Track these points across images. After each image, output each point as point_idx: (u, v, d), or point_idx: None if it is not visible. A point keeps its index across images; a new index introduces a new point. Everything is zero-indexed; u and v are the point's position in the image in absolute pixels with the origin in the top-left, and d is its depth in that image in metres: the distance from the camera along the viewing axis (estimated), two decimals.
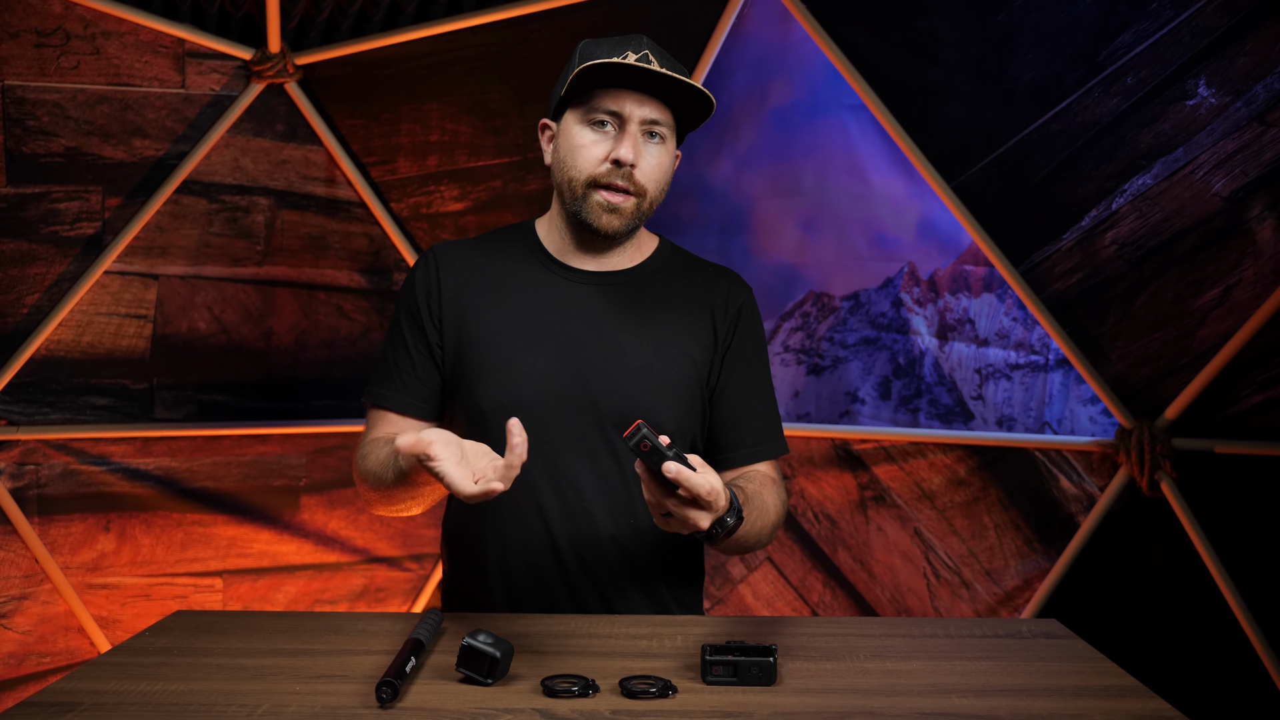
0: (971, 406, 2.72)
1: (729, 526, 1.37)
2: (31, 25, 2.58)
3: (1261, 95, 2.33)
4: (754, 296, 1.79)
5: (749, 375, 1.73)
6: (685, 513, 1.32)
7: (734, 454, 1.71)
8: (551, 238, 1.72)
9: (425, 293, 1.69)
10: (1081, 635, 1.55)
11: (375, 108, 2.84)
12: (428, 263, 1.71)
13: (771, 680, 1.31)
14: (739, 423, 1.72)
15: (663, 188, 1.66)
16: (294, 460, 2.87)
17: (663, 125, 1.61)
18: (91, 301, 2.68)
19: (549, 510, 1.64)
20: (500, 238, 1.76)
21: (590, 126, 1.61)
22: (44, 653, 2.68)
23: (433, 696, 1.27)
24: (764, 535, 1.62)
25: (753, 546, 1.63)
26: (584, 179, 1.61)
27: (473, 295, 1.68)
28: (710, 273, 1.77)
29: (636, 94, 1.59)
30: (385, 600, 2.97)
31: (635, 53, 1.59)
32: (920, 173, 2.65)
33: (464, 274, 1.70)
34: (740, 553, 1.68)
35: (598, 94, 1.60)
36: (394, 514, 1.67)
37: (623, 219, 1.62)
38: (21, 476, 2.64)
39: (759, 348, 1.75)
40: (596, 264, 1.70)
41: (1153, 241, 2.47)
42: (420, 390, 1.68)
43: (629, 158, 1.58)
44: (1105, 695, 1.31)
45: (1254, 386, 2.41)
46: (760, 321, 1.78)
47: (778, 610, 2.89)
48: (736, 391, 1.71)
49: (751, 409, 1.72)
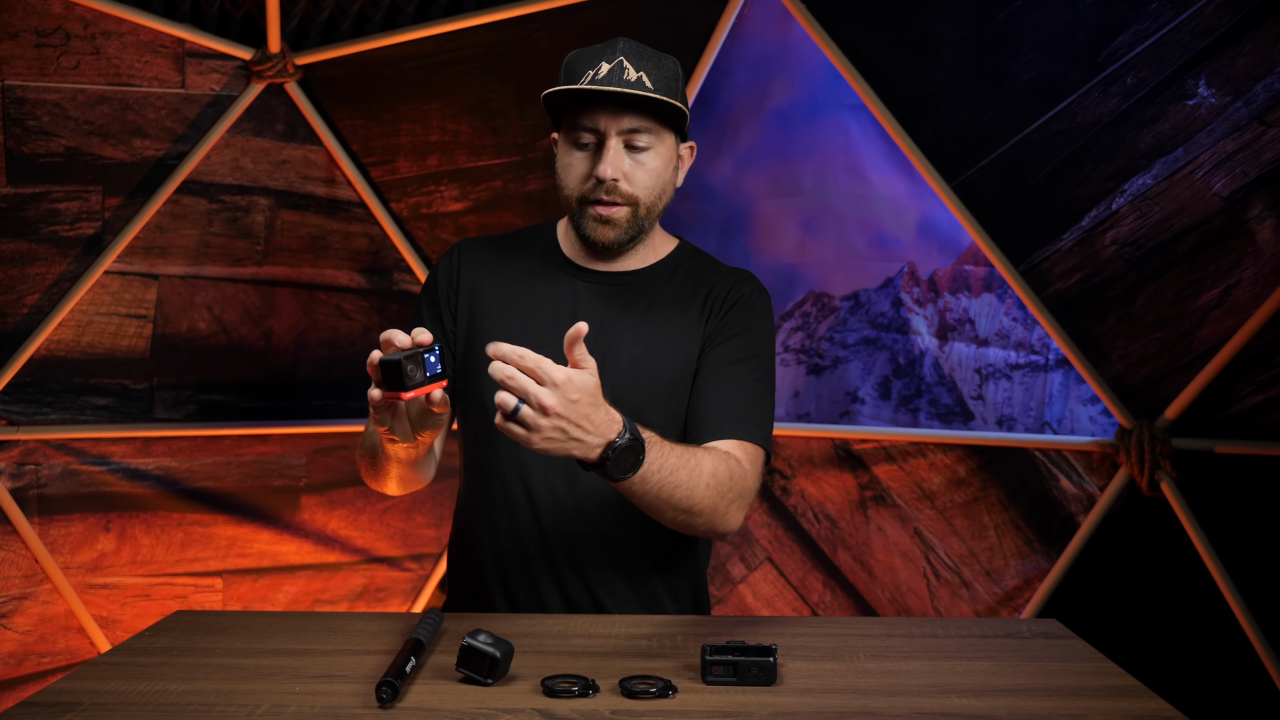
0: (971, 406, 2.72)
1: (619, 447, 1.33)
2: (31, 25, 2.58)
3: (1261, 95, 2.33)
4: (765, 296, 1.76)
5: (724, 357, 1.68)
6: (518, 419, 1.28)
7: (695, 432, 1.64)
8: (568, 240, 1.77)
9: (446, 282, 1.75)
10: (1081, 635, 1.56)
11: (375, 108, 2.84)
12: (452, 254, 1.78)
13: (771, 680, 1.31)
14: (702, 399, 1.66)
15: (659, 191, 1.67)
16: (294, 460, 2.87)
17: (644, 132, 1.62)
18: (91, 301, 2.68)
19: (540, 503, 1.67)
20: (523, 237, 1.81)
21: (574, 146, 1.65)
22: (44, 653, 2.68)
23: (433, 696, 1.27)
24: (697, 498, 1.48)
25: (683, 506, 1.48)
26: (575, 198, 1.66)
27: (487, 289, 1.73)
28: (722, 273, 1.77)
29: (610, 107, 1.60)
30: (385, 600, 2.97)
31: (609, 62, 1.60)
32: (920, 173, 2.65)
33: (483, 268, 1.75)
34: (668, 513, 1.49)
35: (575, 113, 1.63)
36: (376, 486, 1.70)
37: (617, 229, 1.65)
38: (21, 476, 2.64)
39: (748, 338, 1.70)
40: (608, 265, 1.74)
41: (1153, 241, 2.47)
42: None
43: (608, 174, 1.61)
44: (1105, 695, 1.31)
45: (1254, 386, 2.41)
46: (762, 318, 1.73)
47: (778, 610, 2.89)
48: (707, 370, 1.68)
49: (719, 388, 1.66)
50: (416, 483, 1.71)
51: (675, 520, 1.52)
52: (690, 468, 1.47)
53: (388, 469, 1.61)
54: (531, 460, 1.65)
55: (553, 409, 1.28)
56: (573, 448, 1.32)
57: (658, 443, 1.43)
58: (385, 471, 1.63)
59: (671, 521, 1.52)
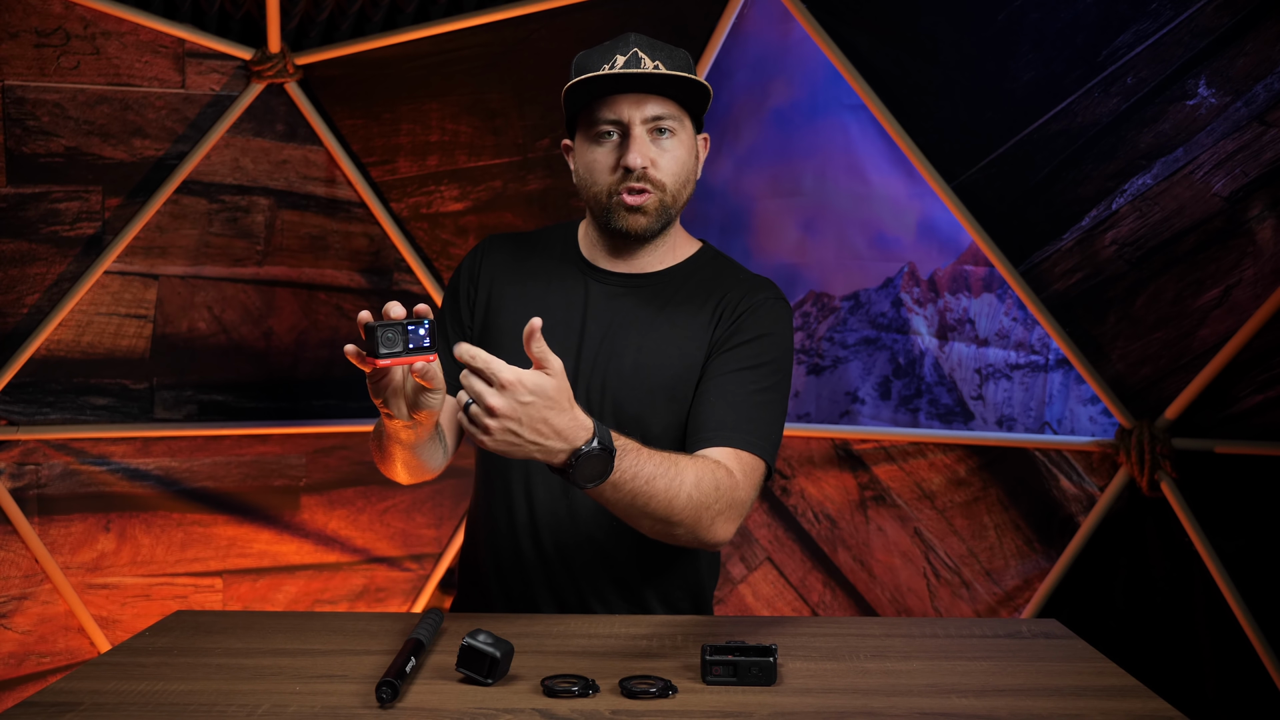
0: (971, 406, 2.72)
1: (584, 454, 1.30)
2: (31, 25, 2.58)
3: (1261, 95, 2.33)
4: (782, 305, 1.71)
5: (728, 365, 1.64)
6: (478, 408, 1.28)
7: (692, 439, 1.60)
8: (587, 239, 1.76)
9: (469, 276, 1.76)
10: (1081, 635, 1.56)
11: (375, 108, 2.84)
12: (477, 250, 1.79)
13: (771, 680, 1.31)
14: (701, 406, 1.62)
15: (684, 179, 1.66)
16: (294, 460, 2.87)
17: (668, 118, 1.62)
18: (91, 301, 2.68)
19: (539, 510, 1.68)
20: (546, 235, 1.81)
21: (597, 141, 1.64)
22: (44, 653, 2.68)
23: (433, 696, 1.27)
24: (676, 508, 1.44)
25: (659, 516, 1.44)
26: (604, 192, 1.64)
27: (505, 285, 1.74)
28: (741, 278, 1.74)
29: (632, 96, 1.60)
30: (385, 600, 2.97)
31: (623, 54, 1.60)
32: (920, 173, 2.65)
33: (503, 264, 1.76)
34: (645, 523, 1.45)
35: (596, 107, 1.62)
36: (387, 472, 1.68)
37: (649, 216, 1.64)
38: (21, 476, 2.64)
39: (757, 346, 1.64)
40: (626, 266, 1.72)
41: (1153, 241, 2.47)
42: (452, 368, 1.70)
43: (637, 163, 1.60)
44: (1105, 695, 1.31)
45: (1254, 386, 2.41)
46: (775, 326, 1.67)
47: (778, 610, 2.89)
48: (708, 377, 1.64)
49: (720, 395, 1.61)
50: (423, 471, 1.66)
51: (654, 530, 1.47)
52: (670, 477, 1.42)
53: (392, 451, 1.59)
54: (535, 465, 1.64)
55: (500, 410, 1.27)
56: (532, 450, 1.30)
57: (634, 450, 1.39)
58: (391, 454, 1.60)
59: (650, 531, 1.48)
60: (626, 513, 1.44)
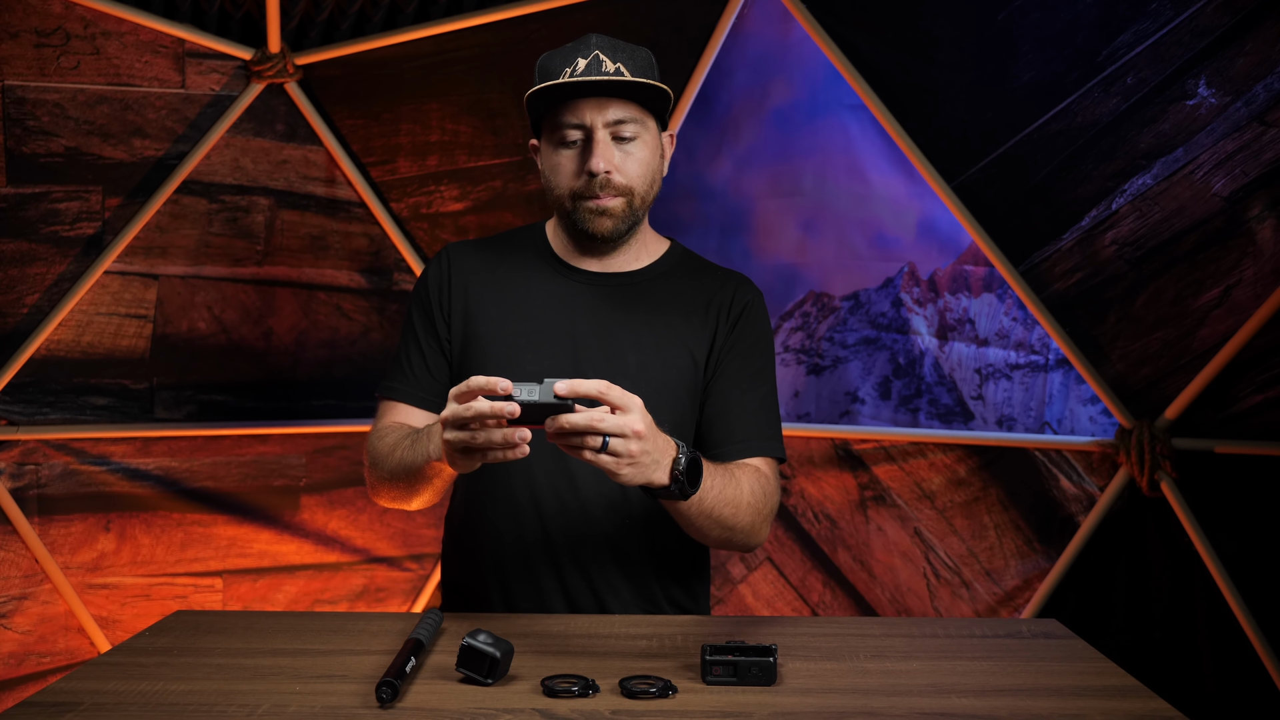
0: (971, 406, 2.72)
1: (682, 466, 1.35)
2: (31, 25, 2.58)
3: (1261, 95, 2.33)
4: (763, 300, 1.77)
5: (742, 372, 1.70)
6: (601, 459, 1.28)
7: (722, 449, 1.66)
8: (558, 240, 1.75)
9: (437, 288, 1.73)
10: (1081, 635, 1.56)
11: (375, 108, 2.84)
12: (441, 260, 1.75)
13: (771, 680, 1.31)
14: (728, 417, 1.68)
15: (650, 180, 1.67)
16: (294, 460, 2.87)
17: (630, 121, 1.62)
18: (91, 301, 2.68)
19: (545, 506, 1.66)
20: (511, 239, 1.80)
21: (561, 145, 1.64)
22: (44, 653, 2.69)
23: (433, 696, 1.27)
24: (740, 516, 1.53)
25: (728, 524, 1.53)
26: (566, 195, 1.64)
27: (480, 292, 1.72)
28: (719, 275, 1.77)
29: (594, 100, 1.60)
30: (385, 600, 2.97)
31: (585, 57, 1.61)
32: (920, 173, 2.65)
33: (474, 271, 1.73)
34: (714, 532, 1.53)
35: (559, 110, 1.62)
36: (394, 504, 1.66)
37: (615, 219, 1.64)
38: (21, 476, 2.64)
39: (759, 349, 1.73)
40: (601, 265, 1.73)
41: (1153, 241, 2.47)
42: (430, 384, 1.71)
43: (600, 167, 1.60)
44: (1105, 695, 1.31)
45: (1254, 386, 2.41)
46: (766, 325, 1.76)
47: (778, 610, 2.89)
48: (729, 386, 1.69)
49: (742, 405, 1.68)
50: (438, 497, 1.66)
51: (718, 538, 1.55)
52: (734, 487, 1.51)
53: (423, 491, 1.58)
54: (536, 464, 1.63)
55: (643, 432, 1.29)
56: (652, 469, 1.34)
57: (703, 460, 1.45)
58: (419, 493, 1.59)
59: (715, 540, 1.56)
60: (702, 523, 1.50)
